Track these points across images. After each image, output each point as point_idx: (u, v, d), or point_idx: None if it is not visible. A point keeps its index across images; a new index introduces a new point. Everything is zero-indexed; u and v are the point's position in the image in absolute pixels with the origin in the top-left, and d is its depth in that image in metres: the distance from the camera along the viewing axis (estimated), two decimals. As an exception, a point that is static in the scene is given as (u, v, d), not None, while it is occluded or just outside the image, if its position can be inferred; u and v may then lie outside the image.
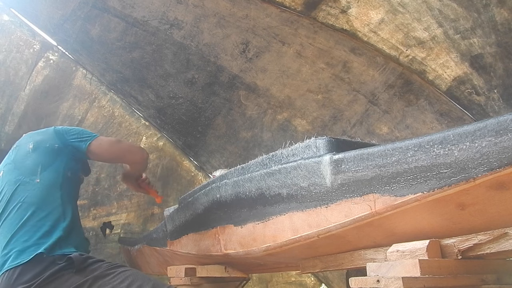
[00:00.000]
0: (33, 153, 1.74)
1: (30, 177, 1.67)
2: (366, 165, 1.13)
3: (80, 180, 1.94)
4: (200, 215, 1.83)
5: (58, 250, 1.53)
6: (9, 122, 3.04)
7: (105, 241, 3.43)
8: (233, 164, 1.97)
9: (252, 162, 1.58)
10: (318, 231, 1.28)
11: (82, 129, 1.92)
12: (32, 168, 1.70)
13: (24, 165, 1.71)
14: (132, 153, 1.97)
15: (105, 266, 1.53)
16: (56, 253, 1.52)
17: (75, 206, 1.78)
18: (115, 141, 2.03)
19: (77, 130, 1.87)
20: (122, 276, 1.49)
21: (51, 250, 1.51)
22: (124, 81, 3.27)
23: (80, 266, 1.48)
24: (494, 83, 2.33)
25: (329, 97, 2.93)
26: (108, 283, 1.46)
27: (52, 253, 1.51)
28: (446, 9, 2.20)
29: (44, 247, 1.50)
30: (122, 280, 1.47)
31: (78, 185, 1.91)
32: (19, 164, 1.73)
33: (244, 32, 2.81)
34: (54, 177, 1.71)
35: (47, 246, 1.51)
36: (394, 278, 1.04)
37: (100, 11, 2.85)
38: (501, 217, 1.03)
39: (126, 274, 1.51)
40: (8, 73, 3.01)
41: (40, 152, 1.74)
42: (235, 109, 3.25)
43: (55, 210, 1.63)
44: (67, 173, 1.77)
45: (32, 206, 1.60)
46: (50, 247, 1.52)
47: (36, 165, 1.70)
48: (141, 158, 1.95)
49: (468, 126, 0.94)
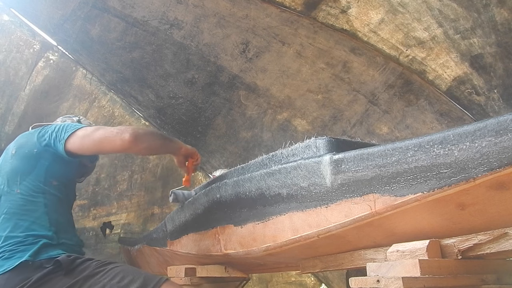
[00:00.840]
0: (14, 160, 1.66)
1: (11, 187, 1.62)
2: (366, 165, 1.13)
3: (72, 183, 1.84)
4: (200, 215, 1.83)
5: (44, 254, 1.51)
6: (9, 122, 3.04)
7: (105, 241, 3.43)
8: (233, 164, 1.97)
9: (252, 162, 1.58)
10: (318, 231, 1.28)
11: (65, 125, 1.70)
12: (13, 178, 1.63)
13: (6, 172, 1.66)
14: (108, 142, 1.60)
15: (94, 265, 1.51)
16: (43, 257, 1.50)
17: (65, 209, 1.73)
18: (88, 133, 1.64)
19: (57, 128, 1.68)
20: (112, 273, 1.47)
21: (36, 255, 1.49)
22: (124, 81, 3.27)
23: (68, 268, 1.46)
24: (494, 83, 2.33)
25: (329, 97, 2.93)
26: (98, 281, 1.44)
27: (39, 257, 1.49)
28: (446, 9, 2.20)
29: (29, 253, 1.48)
30: (112, 277, 1.45)
31: (70, 188, 1.82)
32: (2, 171, 1.67)
33: (244, 32, 2.81)
34: (34, 186, 1.63)
35: (32, 252, 1.49)
36: (394, 278, 1.04)
37: (100, 11, 2.85)
38: (501, 217, 1.03)
39: (116, 270, 1.48)
40: (8, 73, 3.01)
41: (19, 158, 1.66)
42: (235, 109, 3.25)
43: (40, 219, 1.58)
44: (51, 180, 1.66)
45: (15, 216, 1.57)
46: (34, 253, 1.49)
47: (16, 174, 1.63)
48: (122, 145, 1.57)
49: (468, 126, 0.94)
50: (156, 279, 1.48)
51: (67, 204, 1.78)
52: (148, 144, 1.66)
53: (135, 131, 1.60)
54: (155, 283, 1.46)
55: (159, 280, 1.48)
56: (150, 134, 1.74)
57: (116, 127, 1.65)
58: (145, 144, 1.63)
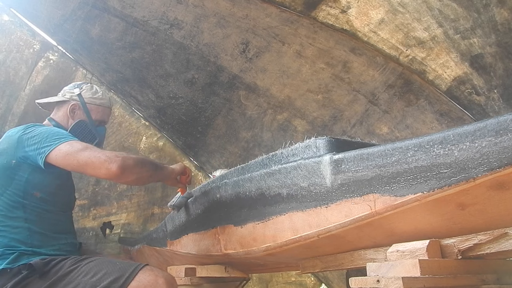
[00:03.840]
0: None
1: None
2: (366, 165, 1.13)
3: (64, 187, 1.75)
4: (200, 215, 1.83)
5: (24, 260, 1.49)
6: (9, 122, 3.04)
7: (105, 241, 3.43)
8: (233, 164, 1.97)
9: (252, 162, 1.58)
10: (318, 231, 1.28)
11: (49, 134, 1.58)
12: None
13: None
14: (92, 168, 1.46)
15: (68, 264, 1.48)
16: (21, 263, 1.48)
17: (55, 218, 1.66)
18: (73, 151, 1.50)
19: (40, 136, 1.56)
20: (85, 269, 1.44)
21: (14, 262, 1.48)
22: (124, 81, 3.27)
23: (42, 270, 1.44)
24: (494, 83, 2.33)
25: (329, 97, 2.93)
26: (72, 279, 1.42)
27: (17, 264, 1.48)
28: (446, 9, 2.20)
29: (7, 262, 1.47)
30: (86, 273, 1.43)
31: (62, 194, 1.73)
32: None
33: (244, 32, 2.81)
34: (13, 201, 1.56)
35: (10, 260, 1.48)
36: (394, 278, 1.04)
37: (100, 11, 2.85)
38: (501, 217, 1.03)
39: (89, 266, 1.45)
40: (8, 73, 3.01)
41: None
42: (235, 109, 3.25)
43: (19, 234, 1.54)
44: (33, 192, 1.58)
45: None
46: (12, 260, 1.48)
47: None
48: (106, 174, 1.45)
49: (468, 126, 0.94)
50: (132, 268, 1.43)
51: (59, 211, 1.70)
52: (137, 177, 1.54)
53: (124, 162, 1.46)
54: (131, 272, 1.41)
55: (135, 268, 1.43)
56: (141, 165, 1.56)
57: (106, 153, 1.49)
58: (134, 177, 1.52)
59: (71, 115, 1.88)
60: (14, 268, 1.47)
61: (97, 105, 1.94)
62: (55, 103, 1.95)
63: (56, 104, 1.94)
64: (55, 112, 1.93)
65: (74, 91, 1.92)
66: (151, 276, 1.42)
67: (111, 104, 2.03)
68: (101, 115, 1.96)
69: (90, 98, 1.93)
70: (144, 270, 1.44)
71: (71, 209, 1.86)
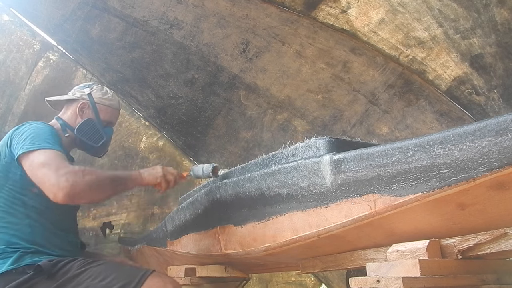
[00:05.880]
0: None
1: None
2: (366, 165, 1.13)
3: None
4: (200, 215, 1.83)
5: (28, 259, 1.48)
6: (9, 122, 3.04)
7: (105, 241, 3.43)
8: (233, 164, 1.96)
9: (252, 162, 1.58)
10: (318, 231, 1.28)
11: (32, 133, 1.53)
12: None
13: None
14: (44, 189, 1.41)
15: (76, 266, 1.47)
16: (25, 263, 1.47)
17: (58, 216, 1.63)
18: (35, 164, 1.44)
19: (25, 135, 1.52)
20: (94, 273, 1.43)
21: (17, 261, 1.47)
22: (124, 81, 3.27)
23: (50, 272, 1.44)
24: (494, 83, 2.33)
25: (329, 97, 2.93)
26: (81, 282, 1.42)
27: (21, 263, 1.47)
28: (446, 9, 2.20)
29: (8, 263, 1.46)
30: (94, 277, 1.42)
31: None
32: None
33: (244, 32, 2.81)
34: (12, 197, 1.55)
35: (12, 260, 1.47)
36: (394, 278, 1.04)
37: (100, 11, 2.85)
38: (501, 217, 1.03)
39: (98, 270, 1.45)
40: (8, 73, 3.01)
41: None
42: (235, 109, 3.25)
43: (20, 231, 1.53)
44: (29, 188, 1.54)
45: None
46: (15, 260, 1.47)
47: None
48: (54, 198, 1.39)
49: (468, 126, 0.94)
50: (140, 274, 1.43)
51: (61, 209, 1.62)
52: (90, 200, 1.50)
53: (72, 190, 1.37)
54: (139, 278, 1.41)
55: (143, 274, 1.43)
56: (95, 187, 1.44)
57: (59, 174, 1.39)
58: (84, 201, 1.48)
59: (80, 114, 1.88)
60: (19, 268, 1.46)
61: (106, 106, 1.94)
62: (64, 101, 1.94)
63: (66, 102, 1.94)
64: (64, 111, 1.93)
65: (85, 90, 1.93)
66: (159, 283, 1.43)
67: (120, 106, 2.03)
68: (110, 116, 1.96)
69: (100, 98, 1.93)
70: (152, 277, 1.44)
71: (75, 208, 1.84)
